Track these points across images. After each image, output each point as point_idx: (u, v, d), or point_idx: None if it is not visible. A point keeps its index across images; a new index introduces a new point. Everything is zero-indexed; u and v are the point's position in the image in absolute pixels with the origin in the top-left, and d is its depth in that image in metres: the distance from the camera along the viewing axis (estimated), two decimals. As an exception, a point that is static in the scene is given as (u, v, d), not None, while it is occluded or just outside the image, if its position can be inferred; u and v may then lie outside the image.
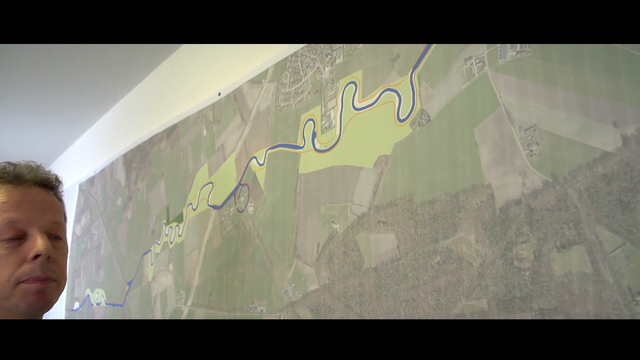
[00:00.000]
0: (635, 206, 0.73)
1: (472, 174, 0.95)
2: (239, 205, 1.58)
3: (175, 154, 2.04)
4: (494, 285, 0.88)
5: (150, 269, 2.07)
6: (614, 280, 0.74)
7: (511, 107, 0.90)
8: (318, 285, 1.24)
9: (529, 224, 0.85)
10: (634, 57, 0.76)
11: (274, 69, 1.53)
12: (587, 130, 0.80)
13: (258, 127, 1.56)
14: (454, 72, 1.01)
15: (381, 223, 1.10)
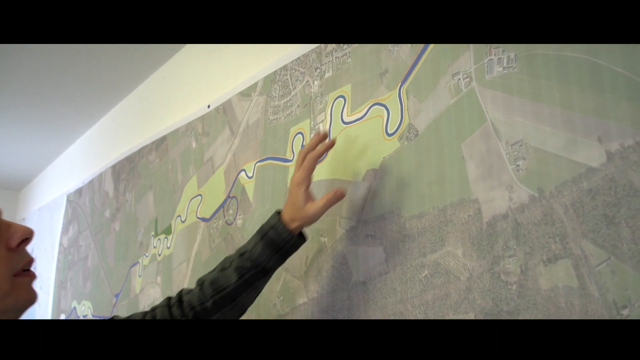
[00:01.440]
0: (620, 221, 0.74)
1: (459, 189, 0.95)
2: (228, 218, 1.58)
3: (164, 165, 2.04)
4: (481, 299, 0.89)
5: (138, 281, 2.06)
6: (599, 294, 0.75)
7: (498, 122, 0.91)
8: (306, 299, 1.24)
9: (516, 238, 0.86)
10: (618, 74, 0.77)
11: (263, 82, 1.53)
12: (573, 146, 0.81)
13: (247, 140, 1.56)
14: (441, 87, 1.02)
15: (369, 237, 1.10)
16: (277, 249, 1.06)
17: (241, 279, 1.05)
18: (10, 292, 0.82)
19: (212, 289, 1.06)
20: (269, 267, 1.07)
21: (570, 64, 0.83)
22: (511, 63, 0.91)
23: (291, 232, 1.06)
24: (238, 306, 1.08)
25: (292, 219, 1.07)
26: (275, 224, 1.07)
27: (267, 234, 1.07)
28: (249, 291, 1.07)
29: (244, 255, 1.07)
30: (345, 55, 1.25)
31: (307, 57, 1.38)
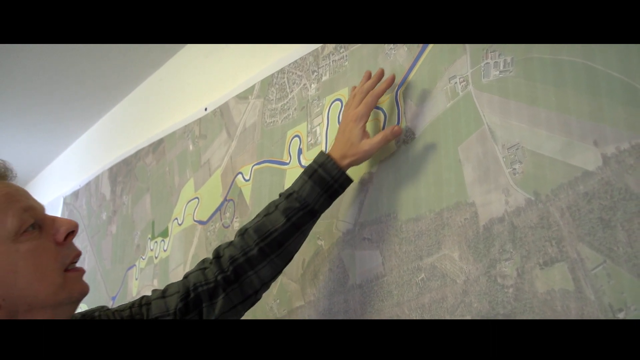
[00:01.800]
0: (616, 224, 0.74)
1: (456, 192, 0.96)
2: (225, 221, 1.58)
3: (161, 168, 2.04)
4: (477, 302, 0.89)
5: (135, 284, 2.06)
6: (595, 298, 0.75)
7: (494, 126, 0.91)
8: (303, 302, 1.24)
9: (512, 242, 0.86)
10: (614, 78, 0.77)
11: (260, 85, 1.54)
12: (569, 149, 0.81)
13: (244, 143, 1.56)
14: (438, 90, 1.02)
15: (366, 240, 1.11)
16: (327, 188, 1.03)
17: (289, 221, 1.02)
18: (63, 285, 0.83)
19: (257, 235, 1.02)
20: (317, 209, 1.04)
21: (566, 68, 0.83)
22: (507, 67, 0.91)
23: (341, 169, 1.03)
24: (286, 252, 1.04)
25: (343, 156, 1.04)
26: (324, 162, 1.04)
27: (316, 172, 1.04)
28: (297, 235, 1.04)
29: (292, 196, 1.03)
30: (343, 58, 1.26)
31: (304, 60, 1.38)
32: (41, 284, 0.80)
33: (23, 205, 0.82)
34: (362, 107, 1.04)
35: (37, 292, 0.80)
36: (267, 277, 1.04)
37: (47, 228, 0.84)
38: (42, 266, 0.81)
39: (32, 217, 0.82)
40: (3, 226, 0.79)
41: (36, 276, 0.80)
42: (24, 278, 0.79)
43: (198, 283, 1.01)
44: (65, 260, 0.84)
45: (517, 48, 0.90)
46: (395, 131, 1.03)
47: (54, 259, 0.83)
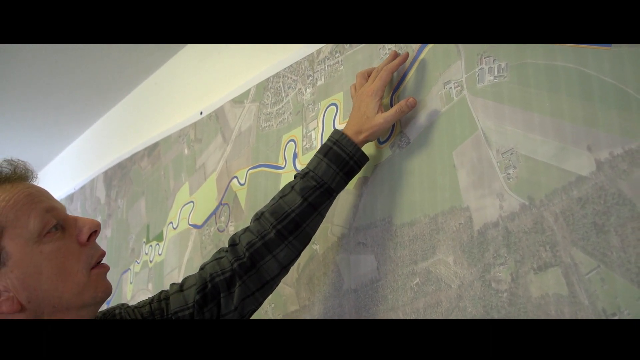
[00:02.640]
0: (609, 229, 0.75)
1: (450, 197, 0.96)
2: (220, 225, 1.58)
3: (156, 172, 2.04)
4: (472, 307, 0.89)
5: (129, 287, 2.05)
6: (589, 302, 0.75)
7: (489, 131, 0.91)
8: (298, 306, 1.24)
9: (507, 246, 0.86)
10: (607, 84, 0.78)
11: (255, 89, 1.54)
12: (563, 154, 0.81)
13: (239, 147, 1.56)
14: (433, 95, 1.02)
15: (361, 244, 1.11)
16: (342, 166, 1.02)
17: (306, 200, 1.01)
18: (88, 284, 0.83)
19: (273, 218, 1.01)
20: (333, 187, 1.02)
21: (560, 73, 0.83)
22: (502, 72, 0.91)
23: (356, 145, 1.02)
24: (303, 234, 1.02)
25: (358, 131, 1.02)
26: (338, 139, 1.03)
27: (331, 149, 1.02)
28: (315, 216, 1.02)
29: (308, 175, 1.02)
30: (338, 63, 1.26)
31: (299, 64, 1.38)
32: (66, 285, 0.81)
33: (45, 206, 0.82)
34: (377, 82, 1.03)
35: (62, 293, 0.80)
36: (285, 261, 1.02)
37: (69, 228, 0.84)
38: (66, 267, 0.81)
39: (55, 218, 0.82)
40: (26, 227, 0.79)
41: (61, 277, 0.80)
42: (49, 279, 0.79)
43: (215, 273, 1.00)
44: (90, 260, 0.85)
45: (511, 53, 0.90)
46: (410, 103, 1.02)
47: (78, 259, 0.83)
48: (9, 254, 0.77)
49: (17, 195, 0.81)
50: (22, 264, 0.78)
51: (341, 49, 1.26)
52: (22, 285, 0.78)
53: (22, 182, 0.85)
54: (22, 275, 0.78)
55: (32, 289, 0.78)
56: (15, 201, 0.80)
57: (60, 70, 2.21)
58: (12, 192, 0.81)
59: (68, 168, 3.13)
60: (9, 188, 0.82)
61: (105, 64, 2.18)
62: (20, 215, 0.79)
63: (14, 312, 0.78)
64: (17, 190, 0.82)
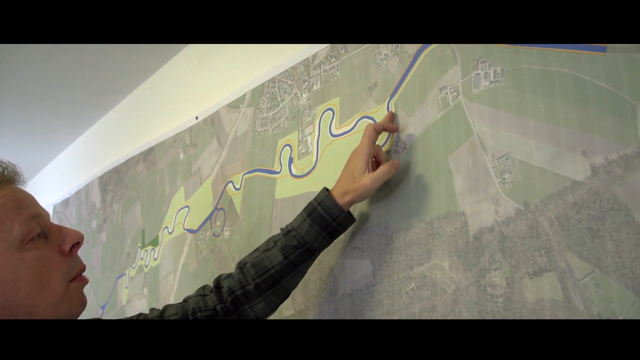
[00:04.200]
0: (604, 234, 0.75)
1: (446, 202, 0.96)
2: (215, 230, 1.58)
3: (152, 176, 2.04)
4: (467, 312, 0.89)
5: (125, 292, 2.05)
6: (584, 307, 0.75)
7: (485, 136, 0.92)
8: (293, 311, 1.24)
9: (502, 251, 0.86)
10: (602, 89, 0.78)
11: (251, 94, 1.54)
12: (558, 160, 0.81)
13: (235, 152, 1.56)
14: (429, 100, 1.02)
15: (357, 249, 1.11)
16: (325, 227, 1.02)
17: (286, 259, 1.02)
18: (65, 296, 0.82)
19: (254, 271, 1.03)
20: (315, 247, 1.03)
21: (555, 79, 0.84)
22: (497, 77, 0.91)
23: (340, 207, 1.01)
24: (282, 289, 1.04)
25: (344, 192, 1.01)
26: (323, 200, 1.02)
27: (315, 209, 1.02)
28: (294, 273, 1.04)
29: (290, 234, 1.03)
30: (334, 68, 1.26)
31: (295, 69, 1.39)
32: (43, 295, 0.79)
33: (31, 213, 0.81)
34: (363, 140, 1.03)
35: (39, 302, 0.79)
36: (260, 313, 1.05)
37: (52, 237, 0.83)
38: (45, 277, 0.80)
39: (39, 226, 0.81)
40: (9, 232, 0.78)
41: (38, 287, 0.79)
42: (26, 287, 0.78)
43: (197, 308, 1.03)
44: (70, 272, 0.84)
45: (507, 59, 0.91)
46: (395, 164, 1.02)
47: (58, 270, 0.82)
48: None
49: (4, 199, 0.80)
50: (1, 269, 0.76)
51: (337, 54, 1.26)
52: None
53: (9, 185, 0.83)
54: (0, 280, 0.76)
55: (8, 295, 0.76)
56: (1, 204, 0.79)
57: (55, 75, 2.21)
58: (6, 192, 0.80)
59: (63, 172, 3.12)
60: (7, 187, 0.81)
61: (101, 69, 2.18)
62: (5, 219, 0.78)
63: None
64: (4, 194, 0.80)
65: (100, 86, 2.34)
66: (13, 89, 2.33)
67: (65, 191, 2.93)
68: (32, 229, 0.79)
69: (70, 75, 2.23)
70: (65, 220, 2.84)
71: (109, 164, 2.45)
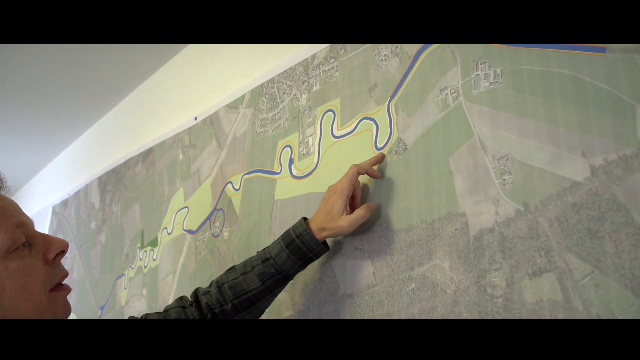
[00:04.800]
0: (604, 235, 0.75)
1: (447, 202, 0.96)
2: (214, 230, 1.58)
3: (151, 177, 2.04)
4: (467, 312, 0.89)
5: (124, 293, 2.05)
6: (583, 308, 0.76)
7: (485, 137, 0.92)
8: (293, 312, 1.24)
9: (502, 252, 0.86)
10: (602, 90, 0.78)
11: (250, 94, 1.54)
12: (558, 160, 0.82)
13: (234, 152, 1.56)
14: (429, 101, 1.03)
15: (357, 250, 1.11)
16: (301, 257, 1.07)
17: (263, 284, 1.07)
18: (48, 307, 0.81)
19: (232, 292, 1.08)
20: (290, 274, 1.09)
21: (554, 80, 0.84)
22: (497, 78, 0.92)
23: (318, 242, 1.07)
24: (256, 310, 1.10)
25: (322, 228, 1.06)
26: (302, 233, 1.06)
27: (294, 241, 1.07)
28: (269, 297, 1.10)
29: (268, 262, 1.07)
30: (333, 69, 1.26)
31: (294, 70, 1.39)
32: (27, 304, 0.78)
33: (16, 222, 0.80)
34: (344, 180, 1.06)
35: (23, 312, 0.78)
36: None
37: (36, 245, 0.82)
38: (30, 286, 0.79)
39: (24, 235, 0.80)
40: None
41: (23, 296, 0.78)
42: (10, 297, 0.77)
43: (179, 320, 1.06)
44: (52, 281, 0.83)
45: (506, 59, 0.91)
46: (370, 207, 1.06)
47: (42, 279, 0.81)
48: None
49: None
50: None
51: (336, 55, 1.26)
52: None
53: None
54: None
55: None
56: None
57: (54, 76, 2.21)
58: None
59: (62, 173, 3.12)
60: None
61: (100, 70, 2.18)
62: None
63: None
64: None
65: (99, 87, 2.35)
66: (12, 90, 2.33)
67: (65, 192, 2.93)
68: (17, 238, 0.78)
69: (69, 76, 2.23)
70: (64, 221, 2.84)
71: (108, 164, 2.45)
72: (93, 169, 2.63)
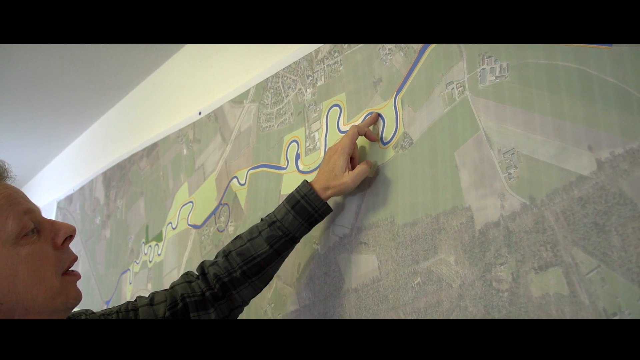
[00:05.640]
0: (610, 229, 0.75)
1: (452, 197, 0.96)
2: (219, 225, 1.58)
3: (155, 172, 2.04)
4: (472, 307, 0.90)
5: (129, 288, 2.05)
6: (589, 302, 0.76)
7: (490, 131, 0.92)
8: (298, 306, 1.24)
9: (508, 246, 0.86)
10: (608, 83, 0.78)
11: (255, 89, 1.54)
12: (564, 154, 0.82)
13: (239, 147, 1.56)
14: (435, 96, 1.02)
15: (363, 244, 1.11)
16: (307, 218, 1.09)
17: (272, 248, 1.08)
18: (60, 290, 0.82)
19: (240, 259, 1.08)
20: (297, 236, 1.10)
21: (560, 73, 0.84)
22: (503, 72, 0.92)
23: (323, 201, 1.09)
24: (266, 275, 1.11)
25: (325, 187, 1.09)
26: (306, 193, 1.09)
27: (299, 202, 1.09)
28: (277, 260, 1.10)
29: (275, 225, 1.09)
30: (337, 63, 1.26)
31: (298, 64, 1.39)
32: (40, 288, 0.80)
33: (23, 208, 0.81)
34: (345, 139, 1.10)
35: (36, 296, 0.79)
36: (247, 297, 1.12)
37: (45, 231, 0.83)
38: (41, 270, 0.80)
39: (32, 221, 0.81)
40: (4, 229, 0.78)
41: (35, 280, 0.79)
42: (23, 282, 0.78)
43: (186, 294, 1.07)
44: (63, 265, 0.84)
45: (512, 53, 0.91)
46: (369, 163, 1.11)
47: (53, 263, 0.82)
48: None
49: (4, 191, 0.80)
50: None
51: (340, 49, 1.26)
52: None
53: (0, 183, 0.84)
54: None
55: (6, 290, 0.77)
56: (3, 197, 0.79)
57: (58, 71, 2.21)
58: None
59: (67, 169, 3.12)
60: None
61: (104, 65, 2.18)
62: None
63: None
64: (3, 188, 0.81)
65: (103, 83, 2.35)
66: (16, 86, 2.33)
67: (69, 187, 2.94)
68: (26, 224, 0.80)
69: (73, 72, 2.23)
70: (69, 216, 2.85)
71: (112, 160, 2.45)
72: (98, 164, 2.64)
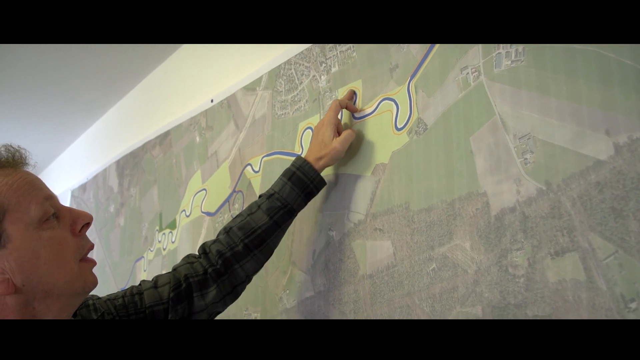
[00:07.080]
0: (628, 214, 0.75)
1: (467, 182, 0.96)
2: (234, 212, 1.58)
3: (168, 160, 2.05)
4: (488, 292, 0.89)
5: (143, 275, 2.07)
6: (607, 288, 0.75)
7: (506, 116, 0.91)
8: (313, 292, 1.25)
9: (524, 232, 0.86)
10: (626, 66, 0.77)
11: (268, 76, 1.54)
12: (580, 139, 0.81)
13: (253, 135, 1.56)
14: (450, 81, 1.02)
15: (378, 230, 1.11)
16: (303, 188, 1.15)
17: (271, 219, 1.13)
18: (79, 275, 0.86)
19: (241, 233, 1.12)
20: (295, 208, 1.15)
21: (577, 57, 0.83)
22: (519, 56, 0.91)
23: (317, 171, 1.16)
24: (267, 248, 1.14)
25: (318, 158, 1.16)
26: (301, 165, 1.16)
27: (295, 174, 1.15)
28: (277, 232, 1.15)
29: (273, 196, 1.14)
30: (350, 49, 1.26)
31: (310, 51, 1.38)
32: (60, 272, 0.83)
33: (44, 194, 0.84)
34: (329, 113, 1.18)
35: (56, 280, 0.82)
36: (250, 271, 1.14)
37: (64, 218, 0.86)
38: (62, 255, 0.83)
39: (53, 207, 0.84)
40: (27, 213, 0.81)
41: (56, 264, 0.82)
42: (45, 265, 0.81)
43: (189, 274, 1.09)
44: (81, 251, 0.87)
45: (528, 38, 0.90)
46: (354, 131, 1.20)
47: (72, 249, 0.85)
48: (9, 236, 0.79)
49: (20, 181, 0.83)
50: (21, 247, 0.79)
51: (354, 36, 1.25)
52: (20, 268, 0.79)
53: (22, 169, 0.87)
54: (20, 259, 0.79)
55: (28, 273, 0.80)
56: (17, 186, 0.82)
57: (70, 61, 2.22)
58: (14, 177, 0.83)
59: (81, 158, 3.14)
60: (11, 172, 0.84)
61: (116, 54, 2.19)
62: (22, 200, 0.81)
63: (8, 294, 0.79)
64: (19, 176, 0.83)
65: (115, 71, 2.35)
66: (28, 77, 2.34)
67: (83, 176, 2.96)
68: (47, 209, 0.83)
69: (85, 62, 2.24)
70: (83, 204, 2.87)
71: (125, 148, 2.46)
72: (111, 153, 2.65)
